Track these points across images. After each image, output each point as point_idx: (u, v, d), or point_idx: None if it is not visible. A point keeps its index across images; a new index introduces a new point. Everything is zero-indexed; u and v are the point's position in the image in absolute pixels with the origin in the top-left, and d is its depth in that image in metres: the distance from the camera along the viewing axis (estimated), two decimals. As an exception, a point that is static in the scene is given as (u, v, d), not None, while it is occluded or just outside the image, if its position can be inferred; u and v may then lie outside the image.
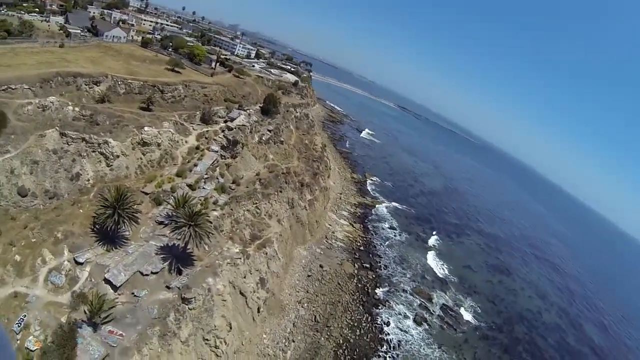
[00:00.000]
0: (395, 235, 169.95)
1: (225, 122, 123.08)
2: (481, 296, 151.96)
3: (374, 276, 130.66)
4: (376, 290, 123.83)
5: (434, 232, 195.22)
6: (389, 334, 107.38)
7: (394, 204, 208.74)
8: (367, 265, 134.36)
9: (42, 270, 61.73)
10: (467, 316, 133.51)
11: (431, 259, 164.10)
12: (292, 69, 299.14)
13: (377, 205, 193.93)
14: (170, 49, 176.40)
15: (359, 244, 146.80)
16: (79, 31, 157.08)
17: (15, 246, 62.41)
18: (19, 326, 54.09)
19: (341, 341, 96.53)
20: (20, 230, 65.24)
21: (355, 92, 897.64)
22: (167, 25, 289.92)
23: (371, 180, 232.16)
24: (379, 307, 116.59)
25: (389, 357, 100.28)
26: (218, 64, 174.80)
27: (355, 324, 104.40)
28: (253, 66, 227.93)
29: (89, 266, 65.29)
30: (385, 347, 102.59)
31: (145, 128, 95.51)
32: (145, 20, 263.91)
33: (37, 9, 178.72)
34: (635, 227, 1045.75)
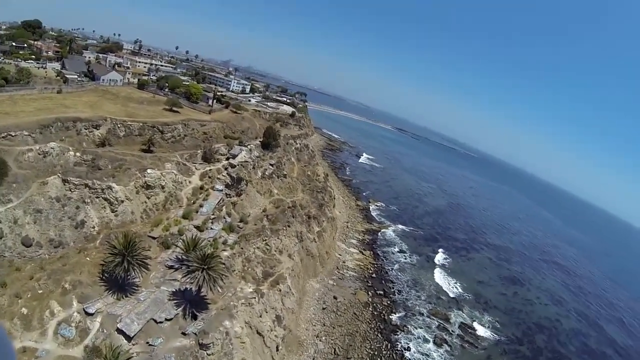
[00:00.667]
0: (405, 259, 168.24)
1: (228, 159, 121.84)
2: (498, 310, 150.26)
3: (389, 302, 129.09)
4: (393, 316, 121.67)
5: (444, 251, 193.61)
6: (410, 359, 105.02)
7: (400, 226, 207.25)
8: (381, 292, 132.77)
9: (50, 323, 59.22)
10: (487, 332, 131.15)
11: (444, 278, 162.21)
12: (288, 101, 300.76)
13: (384, 230, 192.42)
14: (166, 89, 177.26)
15: (370, 271, 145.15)
16: (76, 76, 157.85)
17: (22, 298, 60.13)
18: (30, 384, 51.83)
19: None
20: (26, 281, 63.08)
21: (352, 118, 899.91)
22: (162, 65, 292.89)
23: (376, 205, 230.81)
24: (398, 333, 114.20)
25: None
26: (215, 101, 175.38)
27: (376, 353, 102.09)
28: (249, 101, 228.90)
29: (99, 316, 62.94)
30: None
31: (149, 170, 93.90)
32: (139, 62, 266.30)
33: (33, 56, 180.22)
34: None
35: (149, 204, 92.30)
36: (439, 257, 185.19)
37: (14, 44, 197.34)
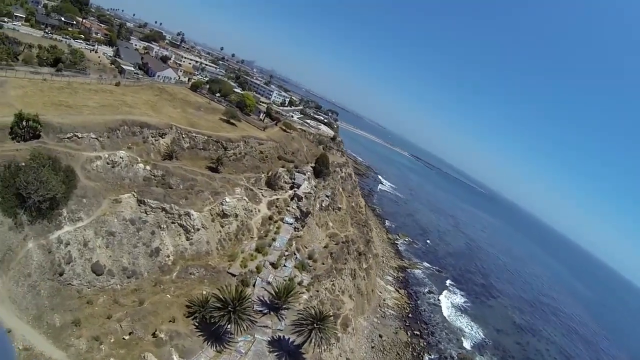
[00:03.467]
0: (434, 301, 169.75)
1: (292, 187, 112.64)
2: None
3: (424, 344, 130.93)
4: (428, 357, 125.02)
5: (466, 295, 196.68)
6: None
7: (427, 264, 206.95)
8: (417, 333, 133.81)
9: (154, 382, 49.64)
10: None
11: (467, 323, 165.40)
12: (325, 120, 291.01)
13: (414, 269, 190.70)
14: (218, 95, 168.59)
15: (407, 310, 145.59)
16: (132, 68, 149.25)
17: (104, 343, 50.59)
18: None
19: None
20: (103, 320, 53.49)
21: (372, 140, 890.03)
22: (207, 65, 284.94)
23: (404, 240, 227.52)
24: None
25: None
26: (265, 115, 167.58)
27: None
28: (292, 116, 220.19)
29: (206, 373, 53.29)
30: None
31: (227, 199, 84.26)
32: (185, 57, 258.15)
33: (82, 36, 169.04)
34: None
35: (222, 233, 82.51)
36: (462, 301, 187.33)
37: (62, 18, 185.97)
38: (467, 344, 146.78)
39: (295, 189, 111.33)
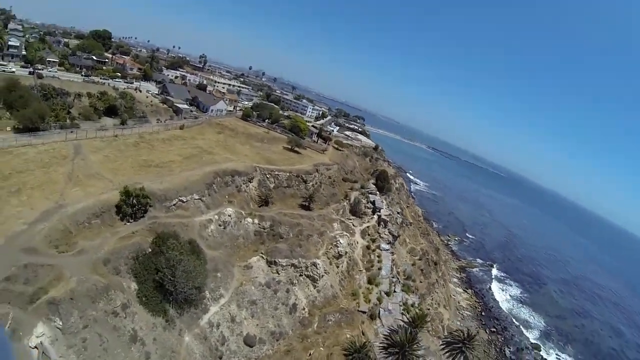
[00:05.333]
0: (496, 297, 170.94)
1: (373, 212, 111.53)
2: (577, 342, 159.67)
3: (502, 339, 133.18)
4: (508, 351, 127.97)
5: (519, 286, 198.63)
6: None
7: (480, 261, 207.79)
8: (494, 330, 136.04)
9: None
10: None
11: (529, 313, 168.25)
12: (360, 130, 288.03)
13: (471, 268, 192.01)
14: (268, 121, 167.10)
15: (479, 309, 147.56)
16: (186, 106, 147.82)
17: None
18: None
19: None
20: None
21: (390, 137, 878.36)
22: (240, 87, 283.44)
23: (455, 240, 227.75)
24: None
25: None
26: (318, 136, 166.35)
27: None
28: (332, 130, 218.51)
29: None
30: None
31: (340, 240, 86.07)
32: (218, 82, 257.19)
33: (118, 74, 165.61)
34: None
35: (339, 273, 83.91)
36: (518, 292, 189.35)
37: (94, 57, 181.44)
38: (534, 334, 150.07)
39: (378, 213, 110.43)
